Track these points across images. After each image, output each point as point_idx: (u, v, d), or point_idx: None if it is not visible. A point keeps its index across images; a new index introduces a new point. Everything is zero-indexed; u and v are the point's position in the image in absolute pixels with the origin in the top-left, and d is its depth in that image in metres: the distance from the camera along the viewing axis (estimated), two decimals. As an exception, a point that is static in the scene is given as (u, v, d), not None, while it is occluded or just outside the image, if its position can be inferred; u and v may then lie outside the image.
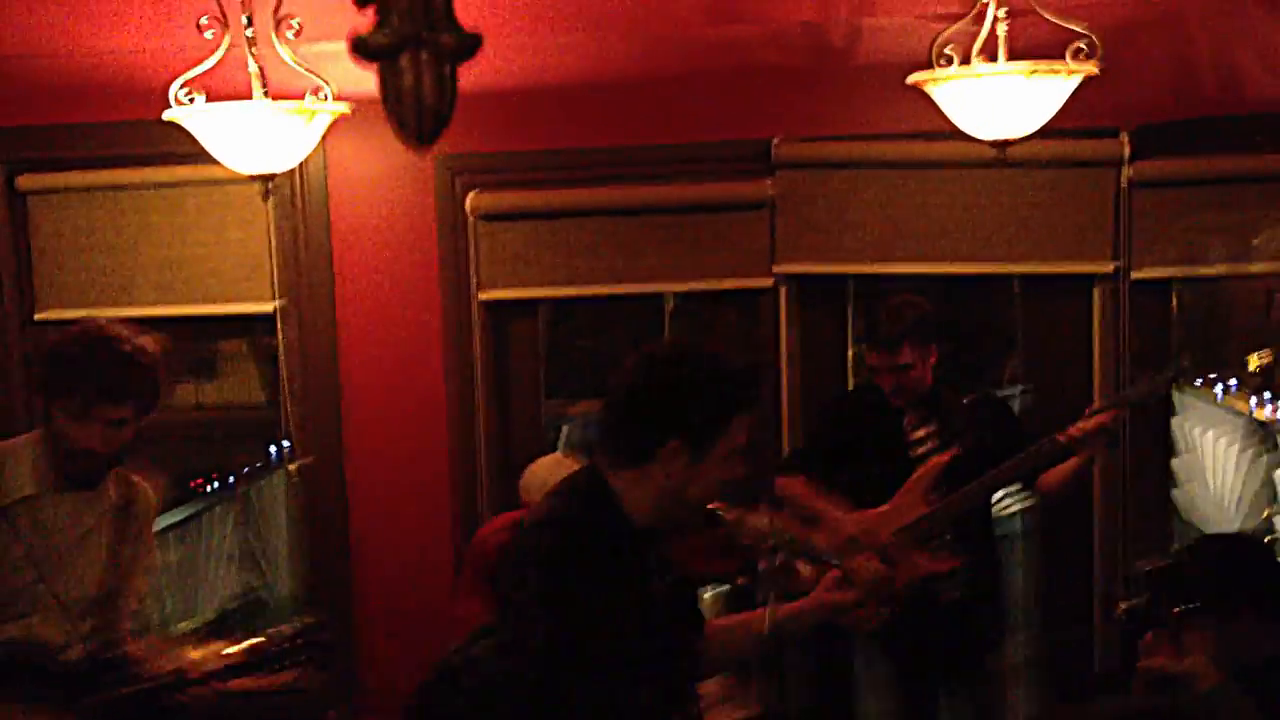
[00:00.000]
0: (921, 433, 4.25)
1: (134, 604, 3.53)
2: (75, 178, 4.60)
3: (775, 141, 4.52)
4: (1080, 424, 3.95)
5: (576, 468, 3.93)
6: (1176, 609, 2.69)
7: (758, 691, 3.98)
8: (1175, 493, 4.99)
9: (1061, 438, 3.97)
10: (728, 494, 2.76)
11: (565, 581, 2.51)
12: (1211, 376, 7.08)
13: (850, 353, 4.85)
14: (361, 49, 1.34)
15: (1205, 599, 2.96)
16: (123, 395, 3.20)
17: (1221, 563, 3.07)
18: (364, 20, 1.48)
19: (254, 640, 3.36)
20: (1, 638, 3.26)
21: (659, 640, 2.62)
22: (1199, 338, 5.94)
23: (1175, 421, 4.99)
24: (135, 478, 3.49)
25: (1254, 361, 6.79)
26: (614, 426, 2.61)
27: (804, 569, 3.09)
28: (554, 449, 4.72)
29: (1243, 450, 6.96)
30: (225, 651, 3.31)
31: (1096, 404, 4.17)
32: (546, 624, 2.49)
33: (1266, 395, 6.52)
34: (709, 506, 2.74)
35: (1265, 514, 5.62)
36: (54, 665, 3.28)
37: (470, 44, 1.33)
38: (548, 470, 3.88)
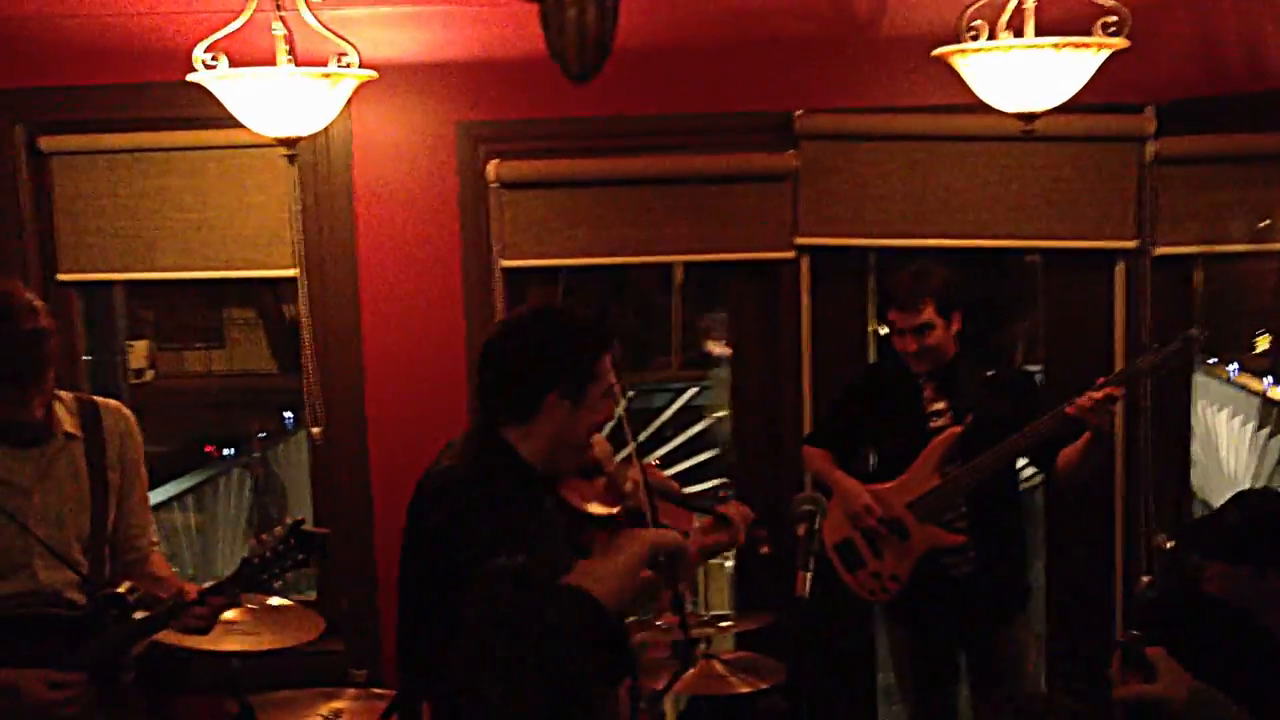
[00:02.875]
0: (939, 405, 4.25)
1: (145, 530, 3.50)
2: (97, 140, 4.59)
3: (798, 113, 4.51)
4: (1088, 394, 3.94)
5: None
6: (1127, 637, 2.86)
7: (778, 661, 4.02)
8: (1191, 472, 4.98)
9: (1070, 409, 3.94)
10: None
11: (481, 521, 2.68)
12: (1216, 358, 7.09)
13: (870, 328, 4.85)
14: None
15: (1241, 549, 3.00)
16: (45, 363, 3.20)
17: (1265, 516, 3.10)
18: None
19: (244, 555, 3.34)
20: (8, 591, 3.23)
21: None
22: (1219, 315, 5.94)
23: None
24: (100, 401, 3.45)
25: (1261, 344, 6.80)
26: (496, 389, 2.88)
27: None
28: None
29: (1256, 429, 6.98)
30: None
31: (1106, 377, 4.16)
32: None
33: (1269, 379, 6.54)
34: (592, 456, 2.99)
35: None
36: (59, 611, 3.26)
37: None
38: None
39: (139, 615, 3.31)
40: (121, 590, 3.33)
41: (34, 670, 3.15)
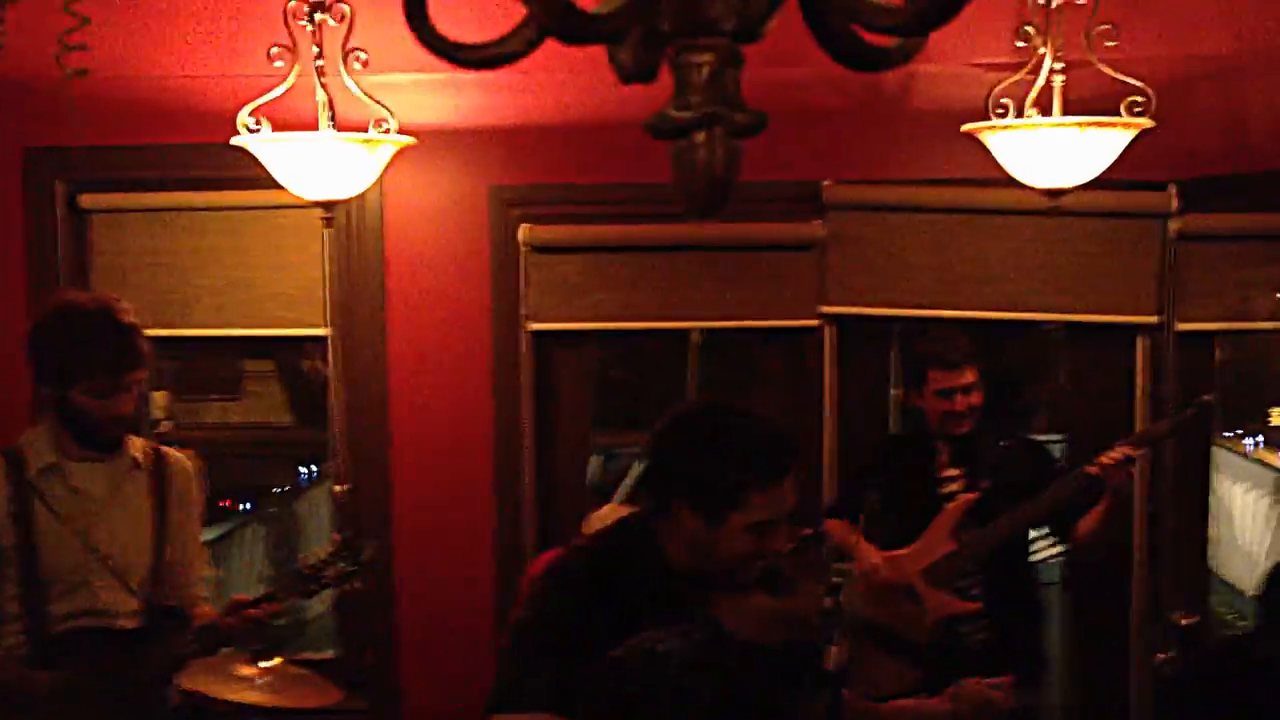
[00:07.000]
0: (953, 471, 4.27)
1: (202, 572, 3.59)
2: (137, 198, 4.67)
3: (826, 183, 4.58)
4: (1108, 453, 3.98)
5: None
6: None
7: None
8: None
9: (1093, 469, 3.99)
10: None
11: (550, 601, 2.64)
12: (1238, 432, 7.09)
13: (893, 392, 4.88)
14: (661, 127, 1.39)
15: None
16: (141, 357, 3.33)
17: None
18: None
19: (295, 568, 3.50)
20: (68, 609, 3.30)
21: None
22: (1239, 389, 5.96)
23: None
24: (167, 449, 3.56)
25: (1276, 417, 6.81)
26: (643, 476, 2.75)
27: None
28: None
29: (1273, 504, 6.98)
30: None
31: (1124, 439, 4.19)
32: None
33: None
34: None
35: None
36: (115, 631, 3.33)
37: (760, 122, 1.39)
38: (603, 520, 3.91)
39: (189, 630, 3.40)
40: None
41: None
